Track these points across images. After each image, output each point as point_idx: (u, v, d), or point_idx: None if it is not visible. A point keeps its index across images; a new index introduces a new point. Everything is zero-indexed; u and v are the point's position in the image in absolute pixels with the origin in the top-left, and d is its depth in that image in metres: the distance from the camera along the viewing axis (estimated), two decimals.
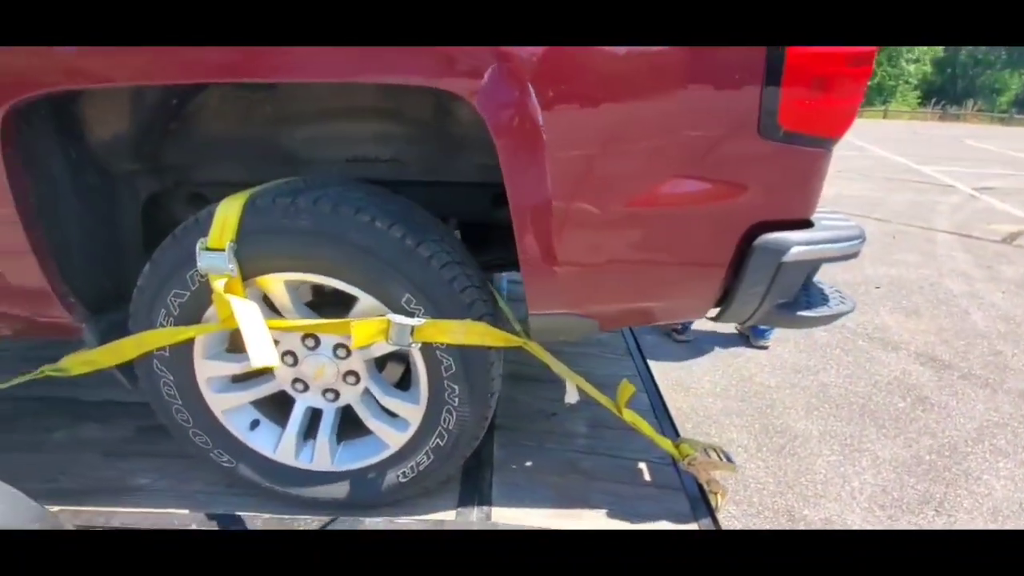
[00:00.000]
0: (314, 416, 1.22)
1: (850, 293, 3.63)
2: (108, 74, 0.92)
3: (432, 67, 0.86)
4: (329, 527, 1.19)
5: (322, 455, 1.20)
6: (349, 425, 1.23)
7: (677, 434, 1.64)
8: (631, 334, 2.35)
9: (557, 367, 1.22)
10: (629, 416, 1.29)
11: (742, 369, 2.70)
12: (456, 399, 1.10)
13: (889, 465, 2.02)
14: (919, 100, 34.97)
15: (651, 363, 2.47)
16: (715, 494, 1.40)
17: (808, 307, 1.08)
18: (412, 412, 1.14)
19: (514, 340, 1.12)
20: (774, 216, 0.98)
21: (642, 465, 1.51)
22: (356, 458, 1.21)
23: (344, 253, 0.99)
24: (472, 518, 1.24)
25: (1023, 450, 2.14)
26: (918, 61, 34.93)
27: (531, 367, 1.97)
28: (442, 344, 1.05)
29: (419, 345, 1.05)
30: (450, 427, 1.13)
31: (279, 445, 1.20)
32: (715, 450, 1.38)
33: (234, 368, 1.14)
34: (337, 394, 1.19)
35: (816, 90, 0.89)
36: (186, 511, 1.24)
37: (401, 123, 1.19)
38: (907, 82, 34.64)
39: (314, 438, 1.20)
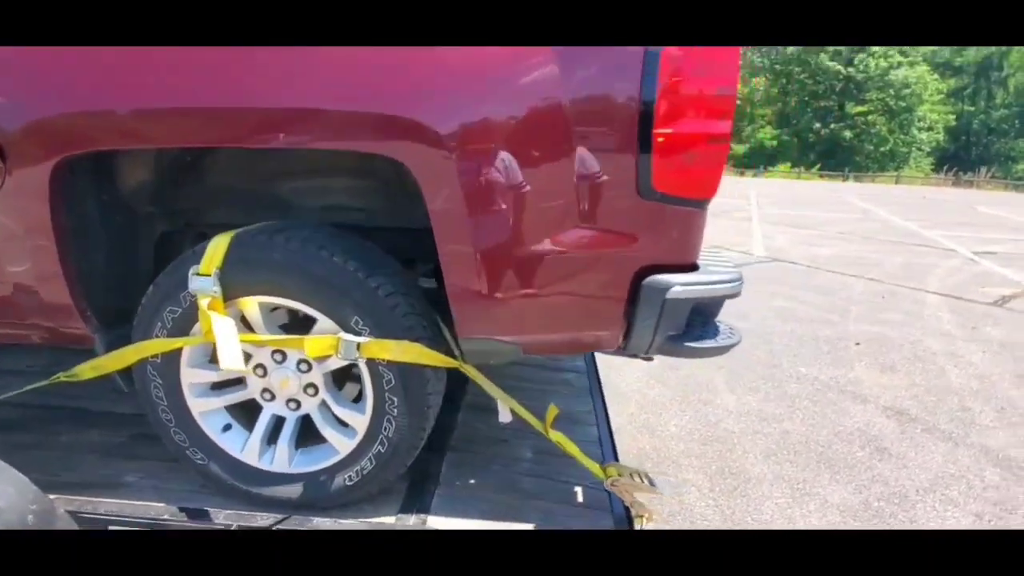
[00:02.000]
0: (278, 423, 1.41)
1: (828, 348, 3.72)
2: (141, 138, 1.19)
3: (373, 135, 1.11)
4: (282, 524, 1.35)
5: (281, 458, 1.38)
6: (305, 435, 1.41)
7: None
8: (596, 376, 2.50)
9: (490, 388, 1.39)
10: (555, 436, 1.45)
11: (710, 415, 2.81)
12: (395, 410, 1.28)
13: (836, 509, 2.09)
14: (932, 167, 35.35)
15: (624, 407, 2.62)
16: (641, 517, 1.52)
17: (697, 339, 1.26)
18: (359, 421, 1.33)
19: (449, 361, 1.31)
20: (661, 260, 1.18)
21: (578, 488, 1.64)
22: (310, 462, 1.38)
23: (306, 281, 1.21)
24: (410, 523, 1.39)
25: (975, 501, 2.19)
26: (931, 129, 35.57)
27: (491, 399, 2.14)
28: (383, 360, 1.24)
29: (364, 360, 1.25)
30: (390, 435, 1.30)
31: (245, 446, 1.38)
32: (640, 474, 1.52)
33: (213, 376, 1.35)
34: (298, 404, 1.38)
35: (681, 161, 1.11)
36: (162, 504, 1.42)
37: (367, 178, 1.45)
38: (920, 149, 35.14)
39: (276, 443, 1.39)
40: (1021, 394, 3.19)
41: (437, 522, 1.41)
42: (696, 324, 1.31)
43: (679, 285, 1.16)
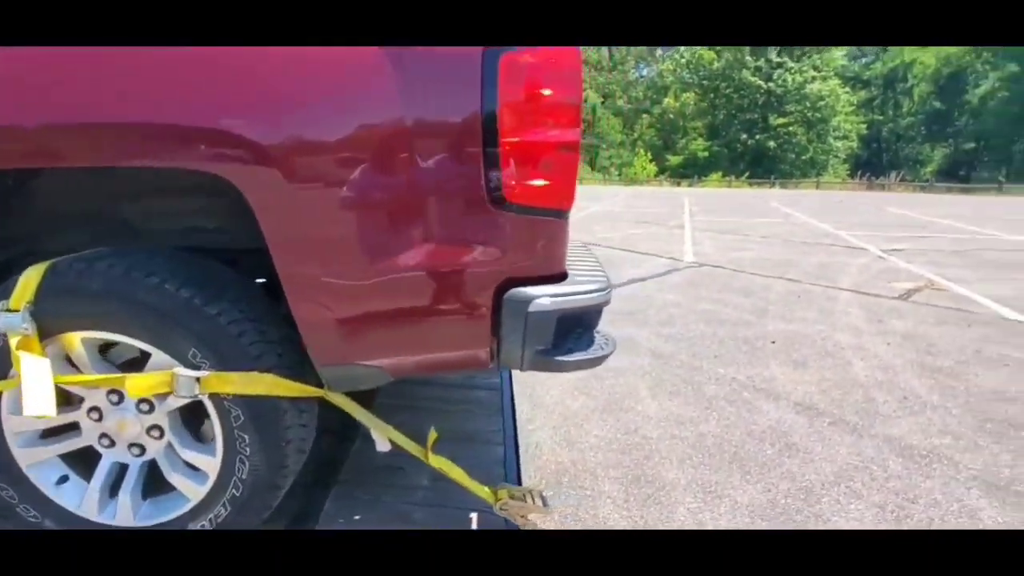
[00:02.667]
0: (122, 472, 1.26)
1: (747, 348, 3.81)
2: None
3: (193, 151, 1.01)
4: None
5: (124, 511, 1.23)
6: (157, 483, 1.27)
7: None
8: (510, 392, 2.45)
9: (362, 416, 1.30)
10: (436, 462, 1.37)
11: (630, 423, 2.80)
12: (247, 448, 1.17)
13: (745, 509, 2.11)
14: (849, 172, 38.22)
15: (547, 420, 2.56)
16: None
17: (567, 352, 1.22)
18: (209, 464, 1.20)
19: (308, 390, 1.21)
20: (523, 273, 1.14)
21: (473, 515, 1.57)
22: (159, 513, 1.25)
23: (133, 312, 1.09)
24: None
25: (877, 492, 2.27)
26: (845, 138, 38.50)
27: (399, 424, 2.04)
28: (228, 395, 1.13)
29: (208, 396, 1.13)
30: (244, 477, 1.19)
31: (82, 501, 1.23)
32: (532, 494, 1.47)
33: (40, 423, 1.19)
34: (143, 449, 1.24)
35: (531, 171, 1.08)
36: None
37: (220, 198, 1.34)
38: (836, 156, 37.95)
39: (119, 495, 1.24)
40: (922, 383, 3.39)
41: None
42: (573, 336, 1.28)
43: (542, 298, 1.12)
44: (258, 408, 1.15)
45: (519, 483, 1.71)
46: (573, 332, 1.29)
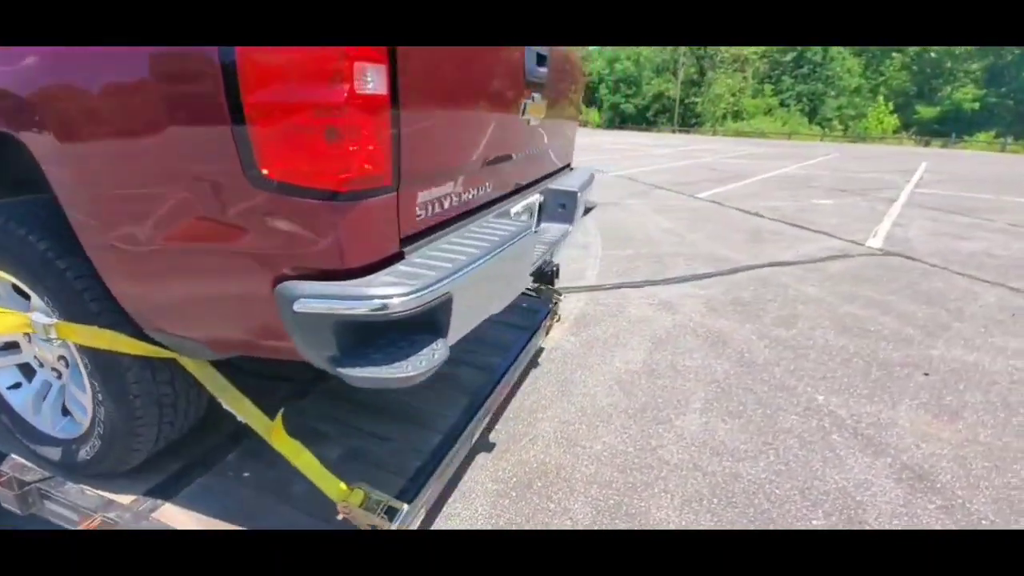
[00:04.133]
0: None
1: (879, 375, 2.92)
2: None
3: None
4: (42, 483, 1.42)
5: (47, 420, 1.45)
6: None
7: (419, 490, 1.55)
8: (505, 368, 2.24)
9: (211, 384, 1.30)
10: (281, 445, 1.31)
11: (654, 437, 2.38)
12: (99, 395, 1.26)
13: None
14: None
15: (562, 411, 2.32)
16: None
17: (362, 364, 1.01)
18: (85, 399, 1.33)
19: (153, 351, 1.23)
20: (304, 264, 0.96)
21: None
22: (69, 430, 1.44)
23: (8, 259, 1.22)
24: (141, 507, 1.37)
25: None
26: None
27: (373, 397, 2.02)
28: (76, 344, 1.22)
29: (68, 342, 1.23)
30: (102, 419, 1.29)
31: (23, 403, 1.48)
32: (382, 510, 1.32)
33: None
34: (60, 374, 1.43)
35: (293, 139, 0.87)
36: None
37: None
38: None
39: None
40: None
41: (167, 511, 1.38)
42: (401, 343, 1.06)
43: (306, 298, 0.94)
44: (99, 361, 1.22)
45: (419, 491, 1.55)
46: (407, 339, 1.06)
